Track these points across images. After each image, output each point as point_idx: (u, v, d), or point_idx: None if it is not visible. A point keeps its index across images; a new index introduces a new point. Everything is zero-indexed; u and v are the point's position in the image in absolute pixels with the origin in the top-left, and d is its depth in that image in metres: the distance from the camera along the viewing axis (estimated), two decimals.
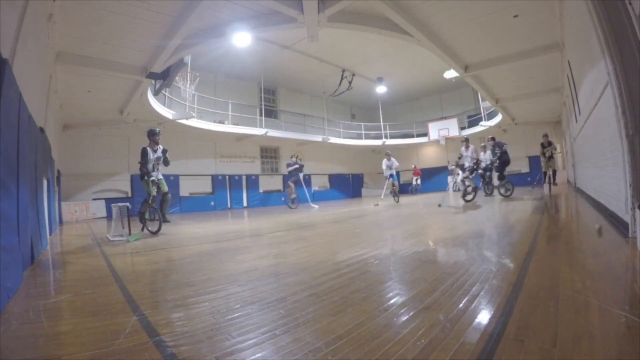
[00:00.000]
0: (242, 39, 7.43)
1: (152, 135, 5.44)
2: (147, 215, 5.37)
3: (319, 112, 18.77)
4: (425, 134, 19.05)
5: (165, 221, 5.54)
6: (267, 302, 1.73)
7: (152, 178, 5.31)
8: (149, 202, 5.35)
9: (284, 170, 17.51)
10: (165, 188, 5.52)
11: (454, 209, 7.11)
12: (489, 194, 9.40)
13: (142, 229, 5.25)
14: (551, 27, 6.94)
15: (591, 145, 5.26)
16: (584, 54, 4.38)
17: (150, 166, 5.33)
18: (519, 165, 17.59)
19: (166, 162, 5.51)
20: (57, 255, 3.92)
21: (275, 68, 14.98)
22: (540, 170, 10.22)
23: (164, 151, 5.52)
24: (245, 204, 15.61)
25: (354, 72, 15.80)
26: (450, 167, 15.76)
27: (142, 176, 5.31)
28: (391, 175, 10.48)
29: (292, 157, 11.90)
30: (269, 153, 17.19)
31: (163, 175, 5.62)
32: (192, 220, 8.95)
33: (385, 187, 11.38)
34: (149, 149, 5.36)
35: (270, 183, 16.80)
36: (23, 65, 3.21)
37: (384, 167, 10.47)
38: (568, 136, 11.12)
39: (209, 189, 14.72)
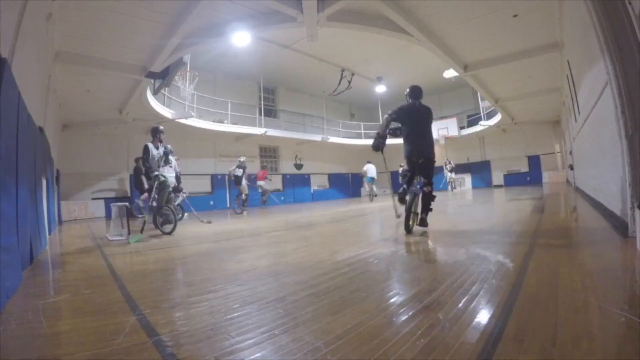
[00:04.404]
0: (241, 39, 7.43)
1: (156, 132, 5.37)
2: (144, 217, 5.31)
3: (319, 111, 18.75)
4: None
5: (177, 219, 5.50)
6: (266, 302, 1.73)
7: (156, 173, 5.20)
8: (156, 203, 5.22)
9: (283, 169, 17.54)
10: (169, 188, 5.43)
11: (453, 207, 7.11)
12: None
13: (142, 231, 5.03)
14: (551, 27, 6.95)
15: (590, 144, 5.27)
16: (583, 53, 4.39)
17: (154, 163, 5.23)
18: (518, 164, 17.63)
19: (166, 161, 5.38)
20: (56, 254, 3.92)
21: (274, 67, 14.97)
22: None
23: (165, 152, 5.37)
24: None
25: (353, 72, 15.80)
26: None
27: (146, 174, 5.23)
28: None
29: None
30: (268, 152, 17.17)
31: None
32: (191, 219, 8.94)
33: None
34: (151, 145, 5.27)
35: (269, 182, 16.78)
36: (22, 65, 3.20)
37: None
38: (567, 136, 11.13)
39: (208, 189, 14.70)
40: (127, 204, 5.42)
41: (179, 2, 5.59)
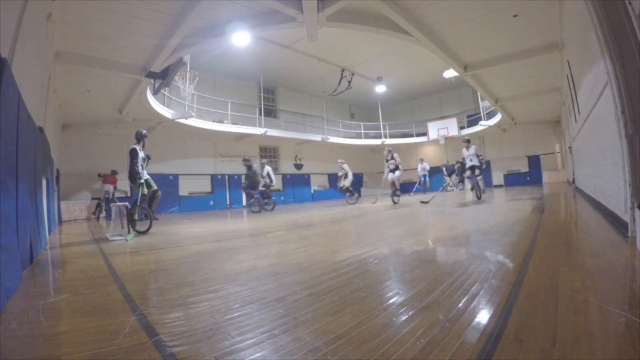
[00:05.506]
0: (241, 38, 7.43)
1: (142, 137, 5.58)
2: (136, 216, 5.38)
3: (319, 111, 18.76)
4: (425, 134, 19.06)
5: (154, 219, 5.74)
6: (266, 302, 1.73)
7: (142, 180, 5.42)
8: (138, 204, 5.40)
9: (284, 169, 17.55)
10: (155, 185, 5.64)
11: (453, 207, 7.11)
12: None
13: (129, 231, 5.08)
14: (551, 27, 6.95)
15: (590, 144, 5.27)
16: (583, 53, 4.39)
17: (139, 166, 5.40)
18: (518, 164, 17.63)
19: (147, 164, 5.74)
20: (56, 254, 3.92)
21: (274, 67, 14.97)
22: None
23: (148, 156, 5.72)
24: (244, 203, 15.59)
25: (353, 72, 15.80)
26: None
27: (134, 178, 5.36)
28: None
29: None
30: (268, 152, 17.17)
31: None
32: (191, 219, 8.95)
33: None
34: (138, 148, 5.44)
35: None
36: (22, 65, 3.20)
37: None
38: (567, 136, 11.13)
39: (208, 189, 14.71)
40: (127, 204, 5.43)
41: (179, 2, 5.59)
